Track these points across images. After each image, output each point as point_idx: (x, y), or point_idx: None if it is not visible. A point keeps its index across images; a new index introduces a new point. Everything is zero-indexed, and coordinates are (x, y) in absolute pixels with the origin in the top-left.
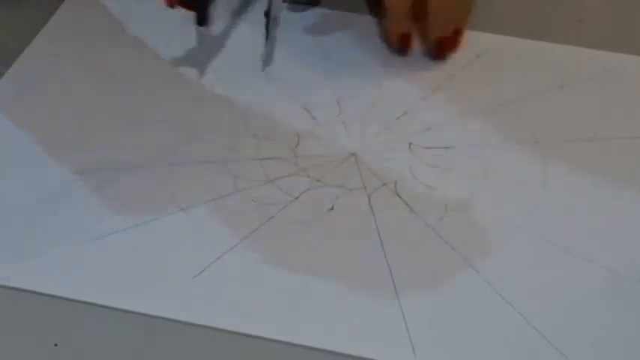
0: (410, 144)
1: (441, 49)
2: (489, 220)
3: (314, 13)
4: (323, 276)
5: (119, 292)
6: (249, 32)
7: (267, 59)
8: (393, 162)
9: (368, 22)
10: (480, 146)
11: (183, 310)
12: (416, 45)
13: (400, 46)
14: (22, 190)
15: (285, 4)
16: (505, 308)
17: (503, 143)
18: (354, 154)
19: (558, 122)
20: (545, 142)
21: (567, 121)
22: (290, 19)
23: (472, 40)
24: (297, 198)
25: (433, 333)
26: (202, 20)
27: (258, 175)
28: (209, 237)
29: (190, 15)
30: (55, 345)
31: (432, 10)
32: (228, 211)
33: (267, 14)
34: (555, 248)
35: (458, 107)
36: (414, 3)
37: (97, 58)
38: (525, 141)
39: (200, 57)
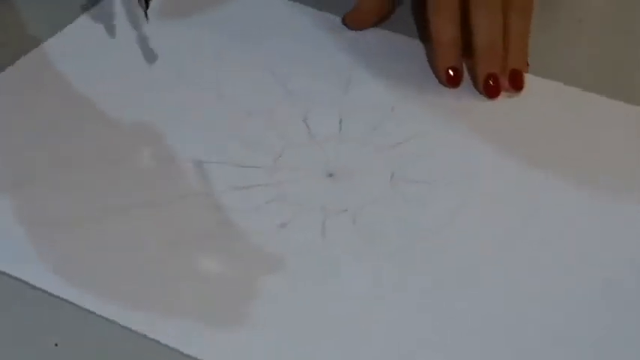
0: (393, 174)
1: (489, 88)
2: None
3: (340, 29)
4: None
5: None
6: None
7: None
8: (369, 189)
9: (390, 39)
10: (468, 183)
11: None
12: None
13: (448, 82)
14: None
15: None
16: (505, 312)
17: (492, 177)
18: (331, 175)
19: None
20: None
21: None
22: (311, 32)
23: None
24: (255, 210)
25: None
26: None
27: (231, 181)
28: (163, 239)
29: None
30: (56, 345)
31: (477, 46)
32: (187, 214)
33: None
34: (553, 254)
35: (461, 140)
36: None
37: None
38: (519, 170)
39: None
